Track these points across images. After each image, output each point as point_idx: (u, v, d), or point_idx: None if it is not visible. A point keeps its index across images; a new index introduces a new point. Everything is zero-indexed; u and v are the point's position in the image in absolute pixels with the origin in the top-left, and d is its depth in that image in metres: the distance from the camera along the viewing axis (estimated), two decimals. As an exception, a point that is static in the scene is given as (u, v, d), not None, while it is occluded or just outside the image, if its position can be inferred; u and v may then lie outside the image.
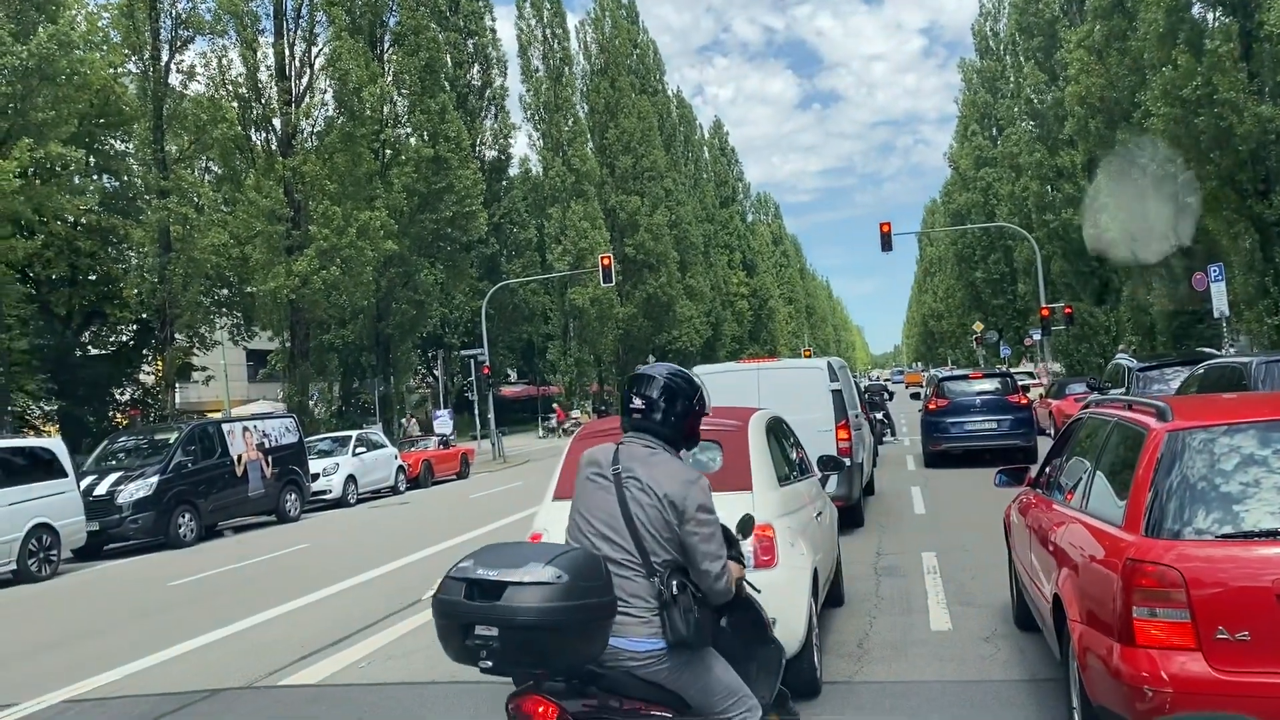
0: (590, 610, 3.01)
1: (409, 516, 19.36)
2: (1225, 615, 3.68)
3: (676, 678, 3.26)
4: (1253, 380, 10.17)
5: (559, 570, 2.98)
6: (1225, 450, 4.08)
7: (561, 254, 53.63)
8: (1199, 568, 3.74)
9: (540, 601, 2.93)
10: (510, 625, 2.94)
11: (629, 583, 3.27)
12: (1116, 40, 30.37)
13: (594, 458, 3.56)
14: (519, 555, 3.11)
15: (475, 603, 3.01)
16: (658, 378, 3.55)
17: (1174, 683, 3.67)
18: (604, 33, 63.27)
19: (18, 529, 14.19)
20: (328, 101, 30.65)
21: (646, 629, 3.24)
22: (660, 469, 3.39)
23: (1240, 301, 26.11)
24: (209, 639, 8.88)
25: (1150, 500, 4.02)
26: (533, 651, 2.99)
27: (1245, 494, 3.96)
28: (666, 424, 3.51)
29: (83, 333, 29.25)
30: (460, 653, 3.09)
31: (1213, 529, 3.88)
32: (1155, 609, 3.77)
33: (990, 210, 56.10)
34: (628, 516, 3.33)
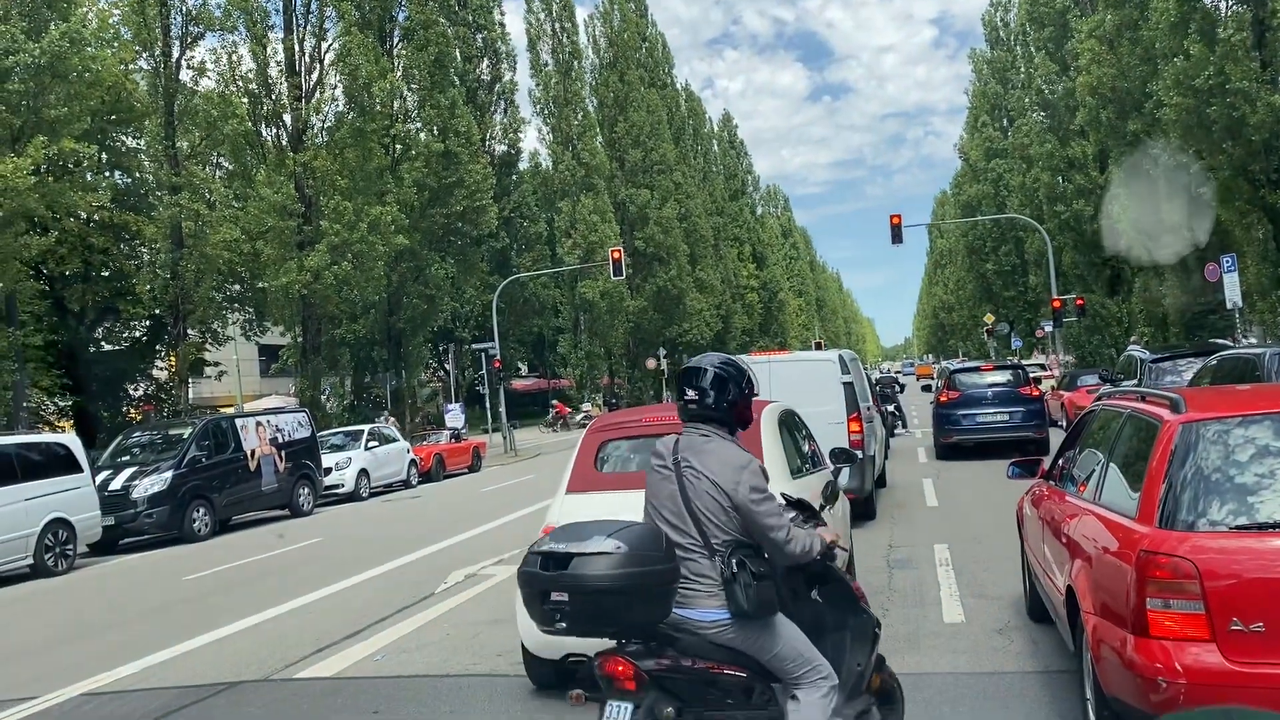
0: (647, 576, 3.32)
1: (421, 510, 19.43)
2: (1239, 607, 3.67)
3: (748, 643, 3.54)
4: (1266, 372, 10.13)
5: (619, 542, 3.32)
6: (1239, 442, 4.07)
7: (571, 248, 53.63)
8: (1213, 559, 3.74)
9: (602, 569, 3.27)
10: (578, 590, 3.29)
11: (694, 563, 3.55)
12: (1128, 30, 30.19)
13: (657, 450, 3.81)
14: (586, 530, 3.45)
15: (548, 572, 3.35)
16: (708, 368, 3.76)
17: (1188, 674, 3.67)
18: (613, 26, 63.17)
19: (34, 524, 14.29)
20: (338, 97, 30.68)
21: (713, 601, 3.53)
22: (714, 457, 3.62)
23: (1253, 292, 25.99)
24: (225, 632, 8.95)
25: (1164, 492, 4.01)
26: (600, 613, 3.32)
27: (1260, 485, 3.95)
28: (719, 410, 3.73)
29: (96, 328, 29.43)
30: (541, 616, 3.43)
31: (1227, 520, 3.87)
32: (1169, 600, 3.77)
33: (1001, 202, 55.89)
34: (688, 503, 3.60)
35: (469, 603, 9.24)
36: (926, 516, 12.30)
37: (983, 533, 10.41)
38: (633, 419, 6.53)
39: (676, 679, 3.44)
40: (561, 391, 61.15)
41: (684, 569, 3.52)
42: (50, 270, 26.13)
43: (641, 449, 6.33)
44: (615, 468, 6.26)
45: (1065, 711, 5.16)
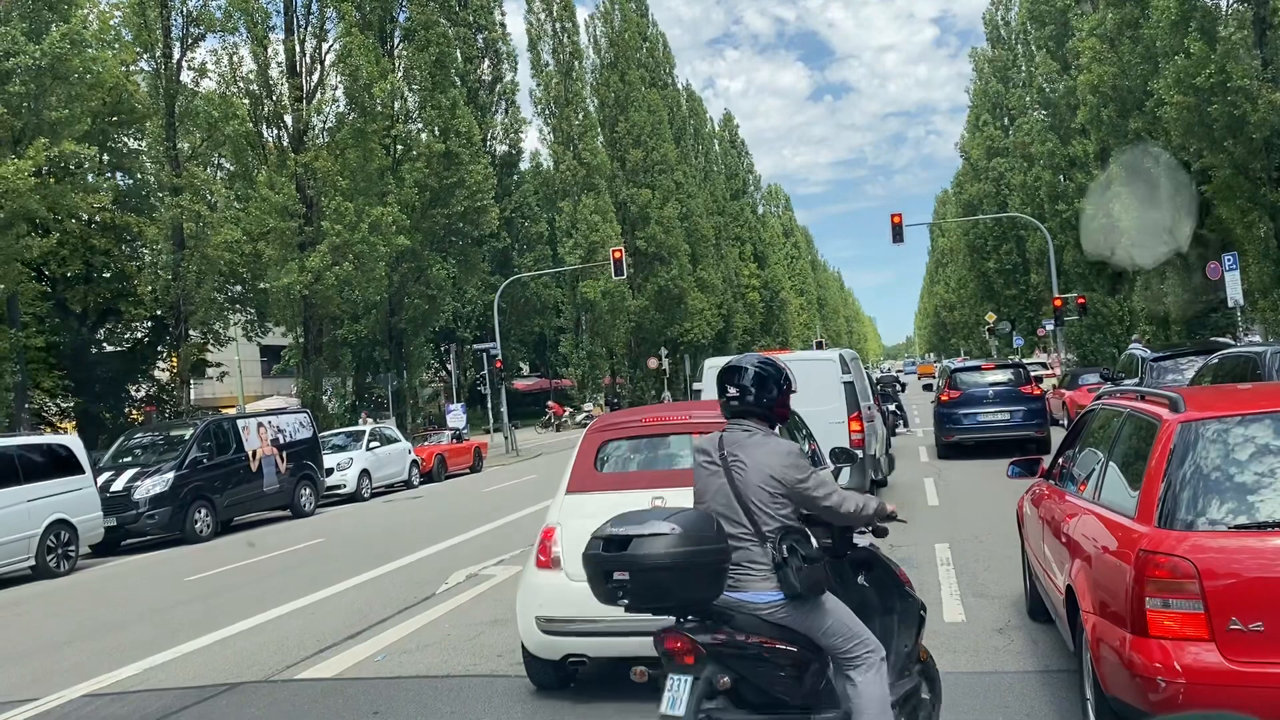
0: (701, 555, 3.57)
1: (423, 510, 19.45)
2: (1239, 606, 3.67)
3: (797, 621, 3.76)
4: (1267, 370, 10.13)
5: (673, 524, 3.57)
6: (1239, 441, 4.07)
7: (573, 247, 53.63)
8: (1212, 559, 3.74)
9: (659, 549, 3.52)
10: (637, 569, 3.54)
11: (746, 551, 3.79)
12: (1129, 28, 30.17)
13: (702, 447, 4.05)
14: (644, 515, 3.72)
15: (610, 554, 3.60)
16: (748, 368, 4.01)
17: (1187, 674, 3.67)
18: (613, 26, 63.17)
19: (36, 525, 14.32)
20: (339, 97, 30.68)
21: (766, 584, 3.76)
22: (760, 450, 3.86)
23: (1254, 290, 25.96)
24: (226, 633, 8.96)
25: (1163, 491, 4.02)
26: (657, 590, 3.57)
27: (1259, 485, 3.95)
28: (760, 406, 3.97)
29: (98, 330, 29.48)
30: (605, 595, 3.67)
31: (1226, 520, 3.87)
32: (1168, 600, 3.77)
33: (1002, 200, 55.84)
34: (738, 495, 3.84)
35: (470, 603, 9.26)
36: (927, 516, 12.29)
37: (983, 532, 10.41)
38: (632, 419, 6.54)
39: (732, 653, 3.64)
40: (563, 391, 61.14)
41: (736, 557, 3.76)
42: (52, 272, 26.17)
43: (642, 449, 6.34)
44: (615, 468, 6.26)
45: (1065, 711, 5.16)
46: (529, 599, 5.78)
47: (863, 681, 3.76)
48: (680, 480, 5.89)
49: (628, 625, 5.47)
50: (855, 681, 3.77)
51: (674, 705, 3.58)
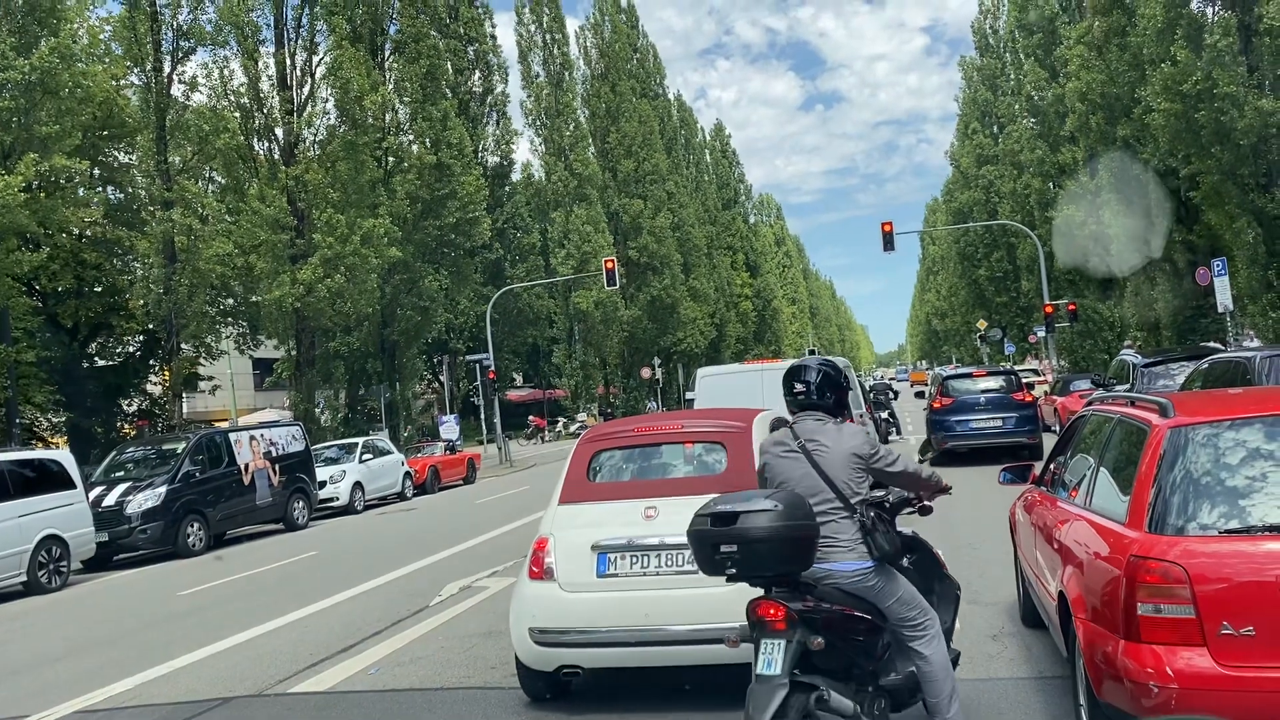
0: (799, 529, 3.95)
1: (416, 523, 19.40)
2: (1230, 611, 3.67)
3: (878, 590, 4.24)
4: (1257, 375, 10.18)
5: (775, 502, 3.95)
6: (1228, 446, 4.07)
7: (565, 258, 53.69)
8: (1203, 564, 3.73)
9: (764, 523, 3.88)
10: (745, 541, 3.89)
11: (835, 524, 4.25)
12: (1116, 36, 30.38)
13: (776, 439, 4.55)
14: (746, 495, 4.09)
15: (718, 528, 3.94)
16: (812, 367, 4.58)
17: (1179, 678, 3.67)
18: (604, 38, 63.36)
19: (27, 540, 14.26)
20: (330, 110, 30.77)
21: (854, 554, 4.24)
22: (838, 434, 4.40)
23: (1244, 295, 26.08)
24: (219, 647, 8.93)
25: (1153, 497, 4.02)
26: (762, 560, 3.93)
27: (1249, 489, 3.95)
28: (824, 399, 4.52)
29: (90, 344, 29.40)
30: (711, 566, 4.01)
31: (1216, 525, 3.87)
32: (1160, 605, 3.76)
33: (992, 208, 56.05)
34: (823, 474, 4.31)
35: (464, 615, 9.23)
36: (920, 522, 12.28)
37: (976, 539, 10.42)
38: (625, 429, 6.54)
39: (818, 618, 4.01)
40: (557, 402, 61.12)
41: (825, 530, 4.18)
42: (43, 286, 26.13)
43: (634, 459, 6.33)
44: (608, 478, 6.25)
45: (1059, 718, 5.16)
46: (522, 610, 5.77)
47: (930, 652, 4.28)
48: (673, 489, 5.90)
49: (621, 636, 5.48)
50: (924, 654, 4.28)
51: (770, 666, 3.92)
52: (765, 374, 12.55)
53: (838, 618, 4.10)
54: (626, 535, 5.59)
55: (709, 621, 5.30)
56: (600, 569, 5.59)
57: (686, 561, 5.45)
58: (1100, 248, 34.59)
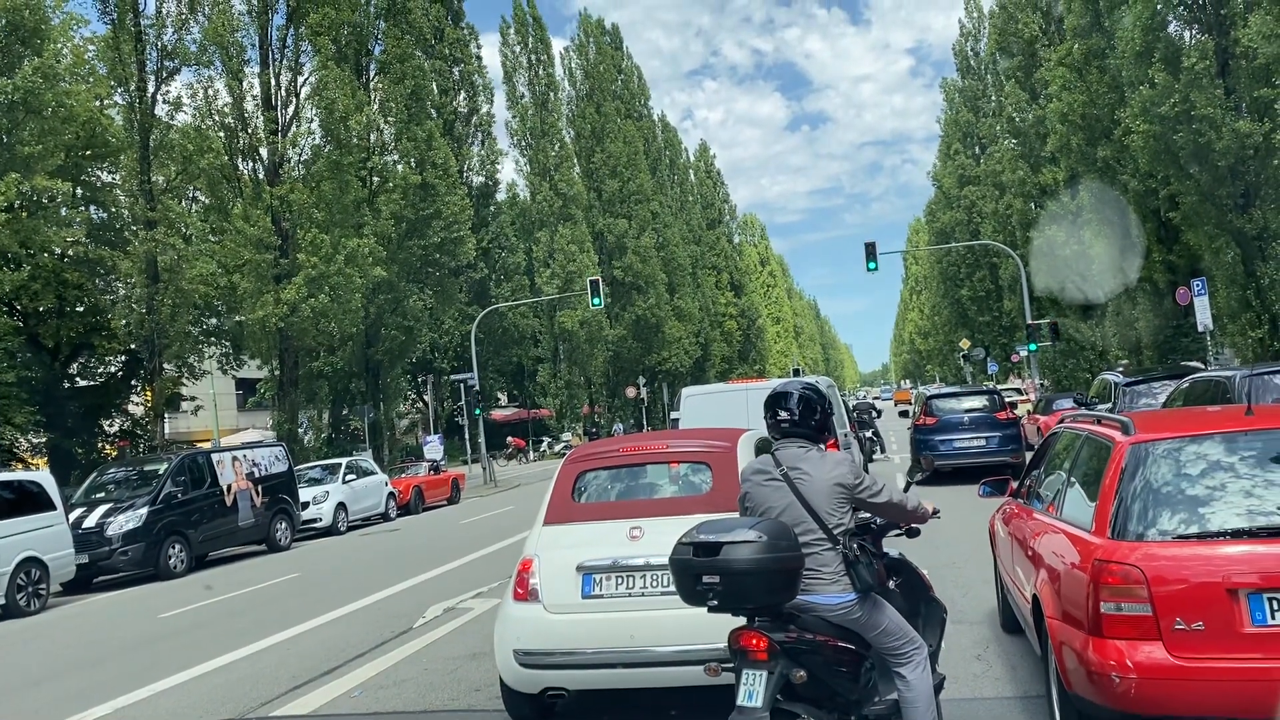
0: (784, 560, 3.89)
1: (400, 544, 19.30)
2: (1182, 608, 4.03)
3: (863, 622, 4.15)
4: (1237, 393, 10.26)
5: (759, 533, 3.87)
6: (1183, 460, 4.46)
7: (550, 277, 53.76)
8: (1159, 566, 4.10)
9: (747, 554, 3.81)
10: (729, 572, 3.83)
11: (818, 556, 4.14)
12: (1096, 58, 30.76)
13: (757, 467, 4.42)
14: (729, 524, 4.01)
15: (701, 558, 3.87)
16: (794, 393, 4.45)
17: (1138, 669, 4.04)
18: (588, 59, 63.72)
19: (6, 563, 14.10)
20: (314, 130, 30.73)
21: (837, 586, 4.14)
22: (821, 462, 4.27)
23: (1223, 315, 26.33)
24: (200, 670, 8.85)
25: (1116, 506, 4.41)
26: (745, 592, 3.87)
27: (1201, 499, 4.32)
28: (807, 426, 4.38)
29: (71, 364, 29.16)
30: (693, 597, 3.96)
31: (1172, 531, 4.24)
32: (1120, 604, 4.12)
33: (974, 228, 56.46)
34: (805, 502, 4.19)
35: (447, 637, 9.19)
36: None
37: (960, 557, 10.45)
38: (610, 449, 6.55)
39: (802, 649, 3.98)
40: (542, 421, 60.99)
41: (807, 562, 4.08)
42: (24, 306, 25.94)
43: (620, 479, 6.33)
44: (593, 498, 6.25)
45: (1043, 736, 5.17)
46: (507, 632, 5.75)
47: (913, 678, 4.19)
48: (658, 510, 5.89)
49: (606, 658, 5.46)
50: (906, 678, 4.19)
51: (751, 698, 3.87)
52: (750, 393, 12.58)
53: (821, 649, 4.04)
54: (612, 556, 5.58)
55: (695, 643, 5.29)
56: (585, 590, 5.58)
57: (672, 582, 5.45)
58: (1079, 273, 34.94)
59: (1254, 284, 25.13)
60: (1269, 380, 10.21)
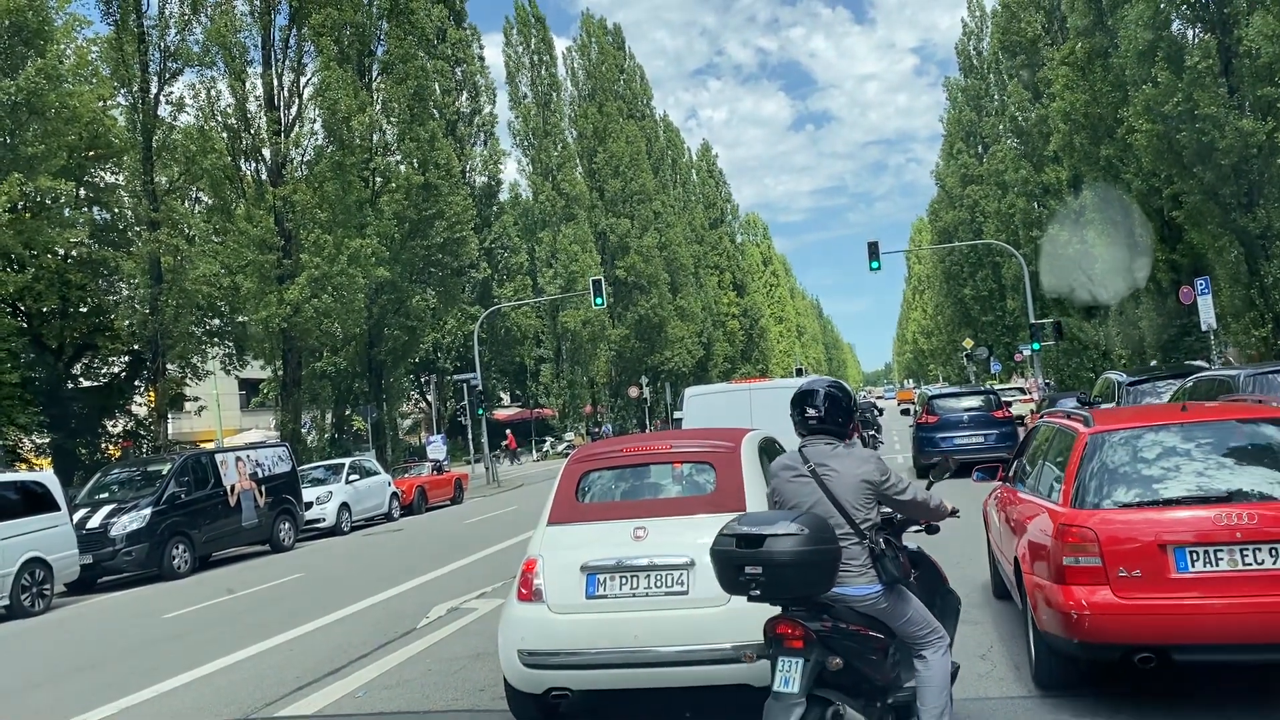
0: (823, 554, 4.06)
1: (403, 544, 19.31)
2: (1124, 560, 5.17)
3: (889, 611, 4.32)
4: (1241, 391, 10.26)
5: (801, 525, 4.03)
6: (1130, 447, 5.66)
7: (553, 277, 53.78)
8: (1108, 529, 5.24)
9: (789, 547, 3.97)
10: (771, 564, 3.99)
11: (845, 549, 4.26)
12: (1099, 57, 30.72)
13: (786, 463, 4.57)
14: (770, 517, 4.22)
15: (744, 550, 4.03)
16: (820, 391, 4.60)
17: (1091, 608, 5.16)
18: (591, 59, 63.73)
19: (10, 564, 14.11)
20: (317, 131, 30.73)
21: (864, 578, 4.29)
22: (847, 459, 4.44)
23: (1227, 314, 26.29)
24: (204, 671, 8.85)
25: (1076, 483, 5.60)
26: (785, 583, 4.03)
27: (1142, 477, 5.51)
28: (833, 423, 4.53)
29: (74, 365, 29.18)
30: (734, 587, 4.13)
31: (1119, 501, 5.42)
32: (1078, 558, 5.26)
33: (977, 227, 56.43)
34: (832, 498, 4.34)
35: (451, 637, 9.19)
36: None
37: (962, 558, 10.42)
38: (613, 449, 6.54)
39: (835, 638, 4.13)
40: (544, 421, 61.00)
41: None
42: (27, 307, 25.96)
43: (624, 479, 6.32)
44: (597, 498, 6.25)
45: (1048, 736, 5.17)
46: (511, 632, 5.74)
47: (933, 659, 4.37)
48: (662, 510, 5.89)
49: (610, 658, 5.46)
50: (927, 659, 4.37)
51: (787, 684, 4.03)
52: (753, 393, 12.57)
53: (853, 637, 4.20)
54: (616, 556, 5.58)
55: (698, 643, 5.30)
56: (589, 590, 5.58)
57: (676, 582, 5.45)
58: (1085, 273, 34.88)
59: (1257, 283, 25.10)
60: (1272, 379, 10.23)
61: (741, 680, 5.37)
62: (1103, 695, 5.72)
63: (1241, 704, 5.51)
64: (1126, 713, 5.46)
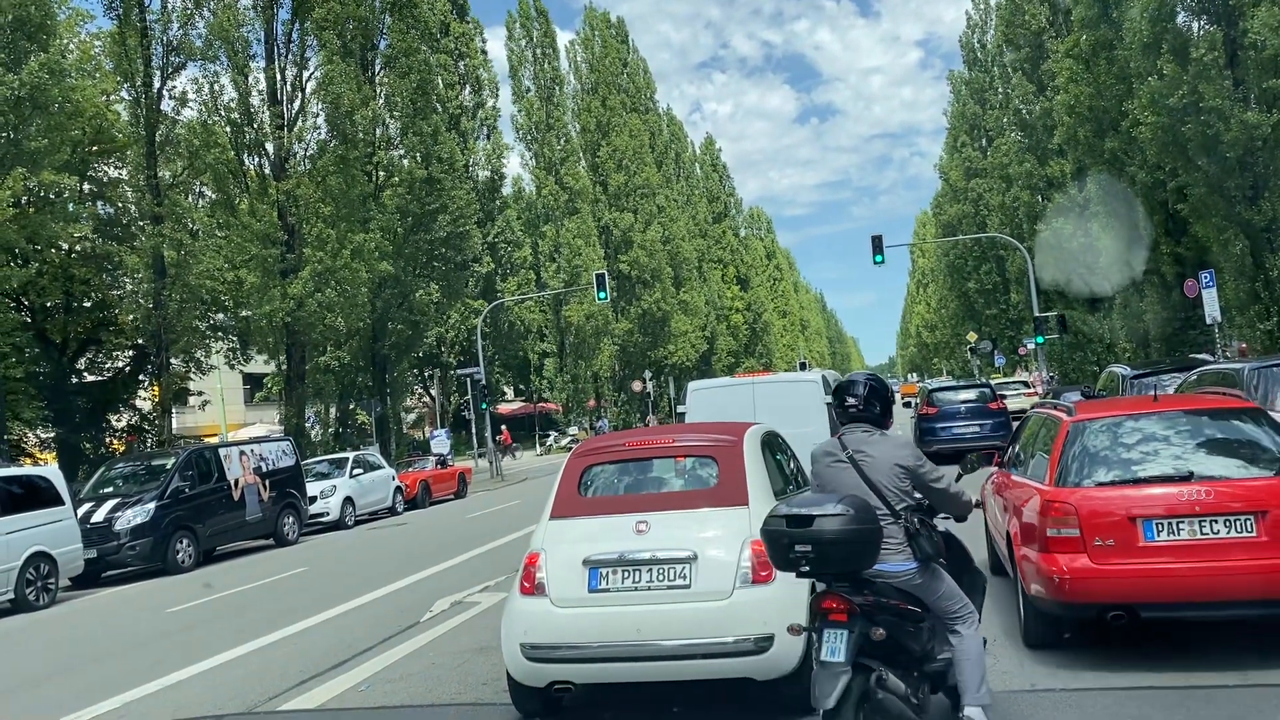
0: (866, 532, 4.34)
1: (407, 538, 19.33)
2: (1099, 531, 5.95)
3: (924, 587, 4.66)
4: (1246, 385, 10.22)
5: (846, 506, 4.33)
6: (1106, 433, 6.48)
7: (556, 271, 53.75)
8: (1086, 504, 6.05)
9: (837, 526, 4.27)
10: (819, 542, 4.28)
11: (883, 529, 4.54)
12: (1103, 50, 30.59)
13: (826, 449, 4.95)
14: (818, 499, 4.49)
15: (795, 529, 4.33)
16: (860, 382, 5.00)
17: (1070, 572, 5.96)
18: (594, 52, 63.59)
19: (15, 558, 14.14)
20: (320, 125, 30.75)
21: (901, 556, 4.64)
22: (884, 445, 4.82)
23: (1231, 307, 26.21)
24: (208, 665, 8.87)
25: (1060, 465, 6.39)
26: (833, 560, 4.33)
27: (1116, 459, 6.32)
28: (871, 411, 4.92)
29: (79, 359, 29.27)
30: (785, 564, 4.43)
31: (1095, 480, 6.23)
32: (1060, 529, 6.05)
33: (981, 221, 56.26)
34: (869, 482, 4.70)
35: (455, 631, 9.19)
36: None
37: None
38: (616, 443, 6.54)
39: (877, 610, 4.42)
40: (548, 415, 61.02)
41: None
42: (31, 301, 26.03)
43: (627, 473, 6.32)
44: (600, 492, 6.24)
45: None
46: (514, 626, 5.74)
47: (967, 635, 4.70)
48: (665, 504, 5.90)
49: (613, 652, 5.46)
50: (961, 634, 4.70)
51: (834, 654, 4.30)
52: (757, 387, 12.56)
53: (893, 610, 4.49)
54: (618, 550, 5.58)
55: (701, 636, 5.30)
56: (592, 584, 5.58)
57: (678, 576, 5.45)
58: (1086, 265, 34.80)
59: (1263, 276, 25.03)
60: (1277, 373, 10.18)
61: (744, 674, 5.38)
62: (1083, 650, 6.39)
63: (1199, 655, 6.23)
64: (1102, 666, 6.12)
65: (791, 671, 5.35)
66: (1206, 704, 5.44)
